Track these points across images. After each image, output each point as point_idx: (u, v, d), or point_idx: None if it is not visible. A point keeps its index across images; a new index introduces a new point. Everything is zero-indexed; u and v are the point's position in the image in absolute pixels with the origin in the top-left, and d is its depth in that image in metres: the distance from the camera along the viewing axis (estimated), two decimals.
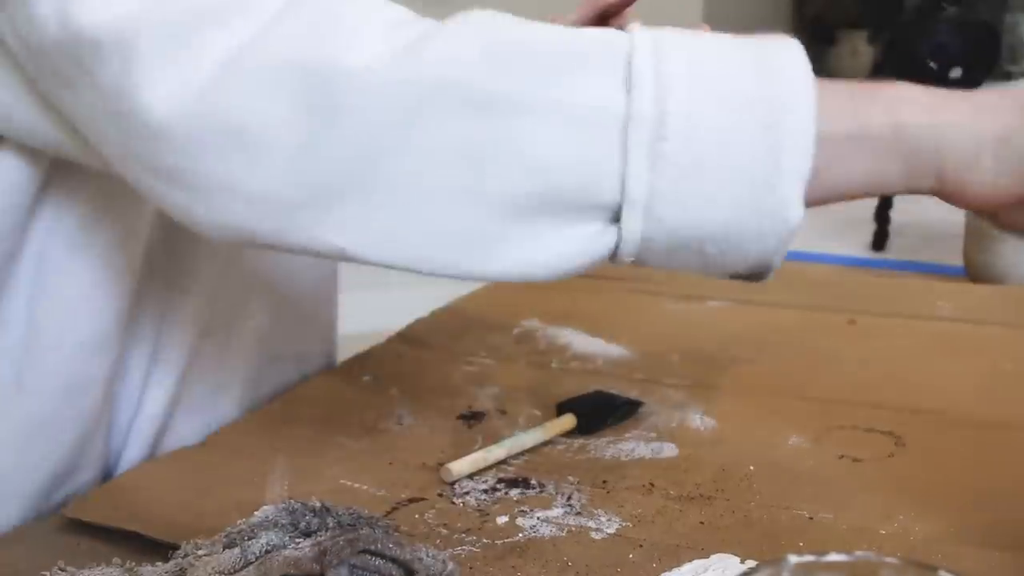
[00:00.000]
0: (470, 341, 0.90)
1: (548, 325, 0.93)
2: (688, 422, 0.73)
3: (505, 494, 0.64)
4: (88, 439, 0.66)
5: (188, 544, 0.50)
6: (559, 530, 0.60)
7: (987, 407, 0.74)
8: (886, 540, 0.58)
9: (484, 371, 0.83)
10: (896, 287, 1.01)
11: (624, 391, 0.78)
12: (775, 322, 0.93)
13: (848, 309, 0.94)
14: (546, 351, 0.88)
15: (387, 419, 0.75)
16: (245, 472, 0.67)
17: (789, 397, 0.77)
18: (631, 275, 1.05)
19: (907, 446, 0.69)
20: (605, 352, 0.87)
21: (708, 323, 0.94)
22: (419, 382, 0.81)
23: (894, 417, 0.73)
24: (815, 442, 0.70)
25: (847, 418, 0.73)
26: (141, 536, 0.59)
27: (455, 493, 0.64)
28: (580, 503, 0.63)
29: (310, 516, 0.50)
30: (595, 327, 0.92)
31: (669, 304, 0.98)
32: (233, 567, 0.48)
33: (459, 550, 0.57)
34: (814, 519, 0.60)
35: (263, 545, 0.49)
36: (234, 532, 0.50)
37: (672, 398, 0.77)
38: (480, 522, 0.61)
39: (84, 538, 0.60)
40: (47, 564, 0.51)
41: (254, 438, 0.72)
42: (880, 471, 0.66)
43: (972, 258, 1.05)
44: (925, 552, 0.56)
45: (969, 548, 0.57)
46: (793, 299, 0.97)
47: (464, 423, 0.74)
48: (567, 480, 0.65)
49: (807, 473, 0.66)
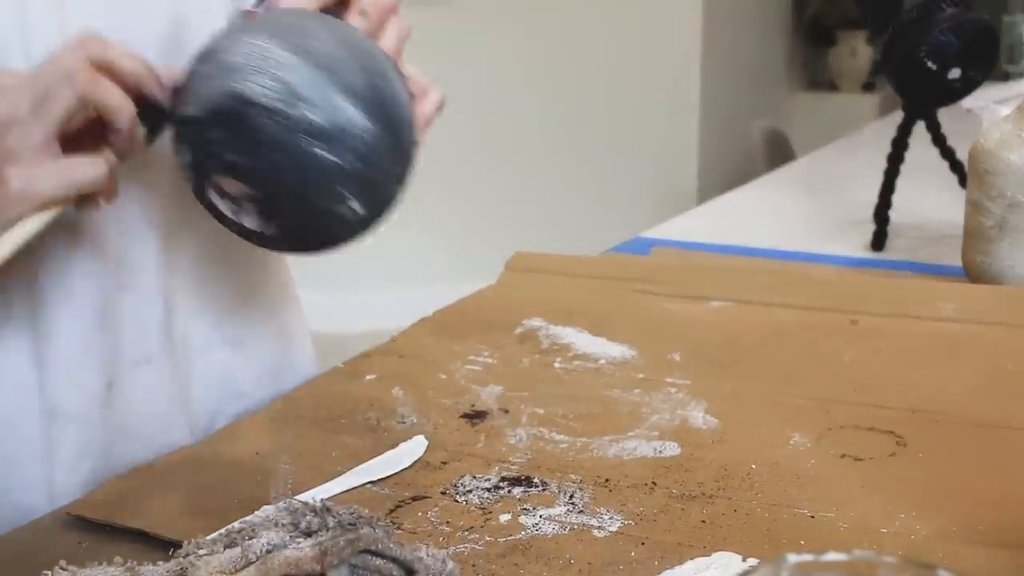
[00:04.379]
0: (473, 341, 0.90)
1: (551, 324, 0.93)
2: (690, 421, 0.73)
3: (508, 492, 0.64)
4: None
5: (189, 543, 0.50)
6: (561, 528, 0.60)
7: (988, 407, 0.74)
8: (887, 539, 0.58)
9: (487, 370, 0.83)
10: (897, 287, 1.01)
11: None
12: (777, 322, 0.93)
13: (849, 309, 0.94)
14: (548, 350, 0.88)
15: (390, 418, 0.75)
16: (247, 471, 0.67)
17: (790, 397, 0.77)
18: (634, 275, 1.05)
19: (908, 446, 0.69)
20: (607, 351, 0.87)
21: (710, 323, 0.94)
22: (422, 381, 0.81)
23: (895, 417, 0.73)
24: (816, 441, 0.70)
25: (848, 418, 0.73)
26: (142, 535, 0.59)
27: (458, 492, 0.64)
28: (582, 501, 0.63)
29: (311, 516, 0.50)
30: (597, 327, 0.92)
31: (671, 304, 0.98)
32: (234, 566, 0.48)
33: (462, 548, 0.58)
34: (815, 518, 0.60)
35: (264, 545, 0.49)
36: (235, 531, 0.50)
37: (674, 397, 0.77)
38: (483, 520, 0.61)
39: (85, 536, 0.60)
40: (49, 562, 0.51)
41: (256, 437, 0.72)
42: (881, 470, 0.66)
43: (970, 258, 1.05)
44: (926, 551, 0.56)
45: (970, 547, 0.57)
46: (795, 299, 0.97)
47: (467, 422, 0.74)
48: (569, 478, 0.65)
49: (808, 472, 0.66)
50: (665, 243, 1.28)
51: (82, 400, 0.68)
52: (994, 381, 0.79)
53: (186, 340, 0.76)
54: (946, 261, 1.14)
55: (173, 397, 0.75)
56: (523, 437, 0.71)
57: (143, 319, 0.72)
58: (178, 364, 0.75)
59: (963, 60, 1.15)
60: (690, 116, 3.36)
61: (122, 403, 0.71)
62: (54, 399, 0.67)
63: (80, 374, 0.68)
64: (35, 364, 0.67)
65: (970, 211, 1.04)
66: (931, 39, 1.15)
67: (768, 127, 3.26)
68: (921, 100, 1.21)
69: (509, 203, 3.25)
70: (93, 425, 0.69)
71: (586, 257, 1.15)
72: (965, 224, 1.05)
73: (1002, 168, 0.99)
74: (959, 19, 1.15)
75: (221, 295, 0.78)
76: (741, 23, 3.56)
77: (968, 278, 1.05)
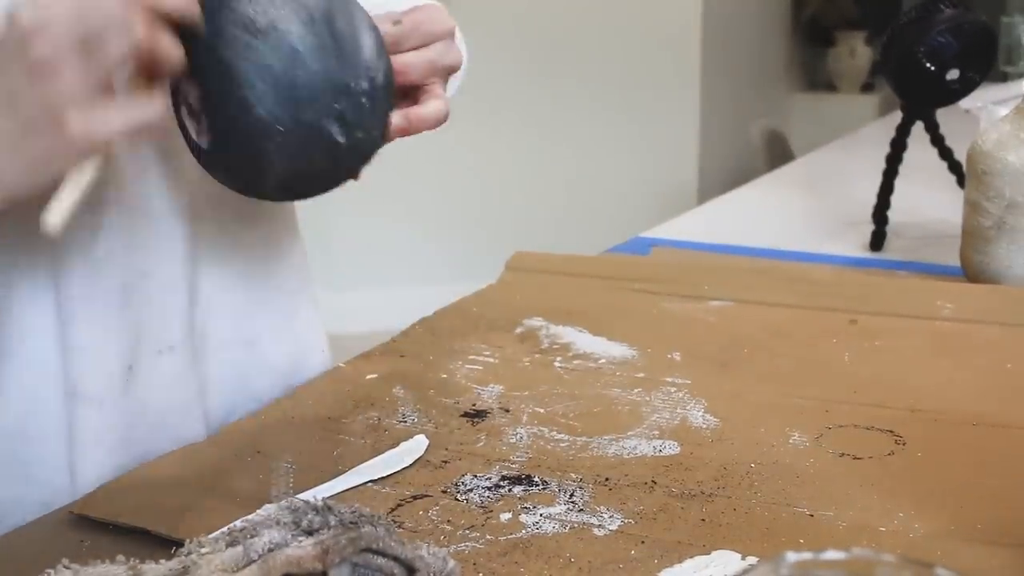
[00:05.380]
0: (473, 340, 0.90)
1: (551, 324, 0.93)
2: (690, 420, 0.74)
3: (508, 491, 0.64)
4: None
5: (191, 542, 0.51)
6: (562, 527, 0.60)
7: (987, 407, 0.74)
8: (886, 537, 0.58)
9: (487, 370, 0.84)
10: (896, 287, 1.01)
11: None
12: (776, 322, 0.93)
13: (849, 309, 0.95)
14: (549, 350, 0.88)
15: (391, 417, 0.75)
16: (248, 470, 0.68)
17: (790, 396, 0.77)
18: (634, 275, 1.05)
19: (907, 445, 0.69)
20: (607, 351, 0.87)
21: (710, 322, 0.94)
22: (423, 381, 0.82)
23: (894, 416, 0.73)
24: (816, 440, 0.70)
25: (847, 417, 0.74)
26: (145, 533, 0.60)
27: (459, 490, 0.64)
28: (583, 500, 0.63)
29: (312, 514, 0.50)
30: (598, 326, 0.92)
31: (671, 304, 0.98)
32: (236, 565, 0.48)
33: (462, 546, 0.58)
34: (814, 517, 0.60)
35: (266, 543, 0.49)
36: (237, 530, 0.50)
37: (674, 397, 0.78)
38: (483, 519, 0.61)
39: (88, 535, 0.61)
40: (51, 561, 0.51)
41: (258, 436, 0.73)
42: (880, 469, 0.66)
43: (968, 258, 1.05)
44: (924, 550, 0.56)
45: (968, 546, 0.57)
46: (794, 299, 0.97)
47: (468, 421, 0.74)
48: (570, 477, 0.66)
49: (808, 471, 0.66)
50: (665, 243, 1.28)
51: (103, 382, 0.69)
52: (993, 381, 0.80)
53: (205, 334, 0.76)
54: (944, 261, 1.14)
55: (191, 391, 0.75)
56: (523, 436, 0.72)
57: (166, 307, 0.73)
58: (198, 357, 0.76)
59: (961, 61, 1.16)
60: (690, 116, 3.37)
61: (142, 390, 0.72)
62: (76, 380, 0.68)
63: (102, 356, 0.69)
64: (58, 344, 0.67)
65: (968, 211, 1.04)
66: (930, 40, 1.15)
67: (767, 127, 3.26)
68: (920, 101, 1.21)
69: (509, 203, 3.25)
70: (112, 408, 0.70)
71: (586, 257, 1.15)
72: (963, 224, 1.05)
73: (1000, 169, 1.00)
74: (958, 20, 1.15)
75: (241, 293, 0.79)
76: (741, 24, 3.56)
77: (966, 278, 1.06)
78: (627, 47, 3.20)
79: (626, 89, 3.23)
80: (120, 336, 0.70)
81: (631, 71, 3.22)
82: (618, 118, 3.23)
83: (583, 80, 3.20)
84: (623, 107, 3.24)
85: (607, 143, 3.25)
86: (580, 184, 3.25)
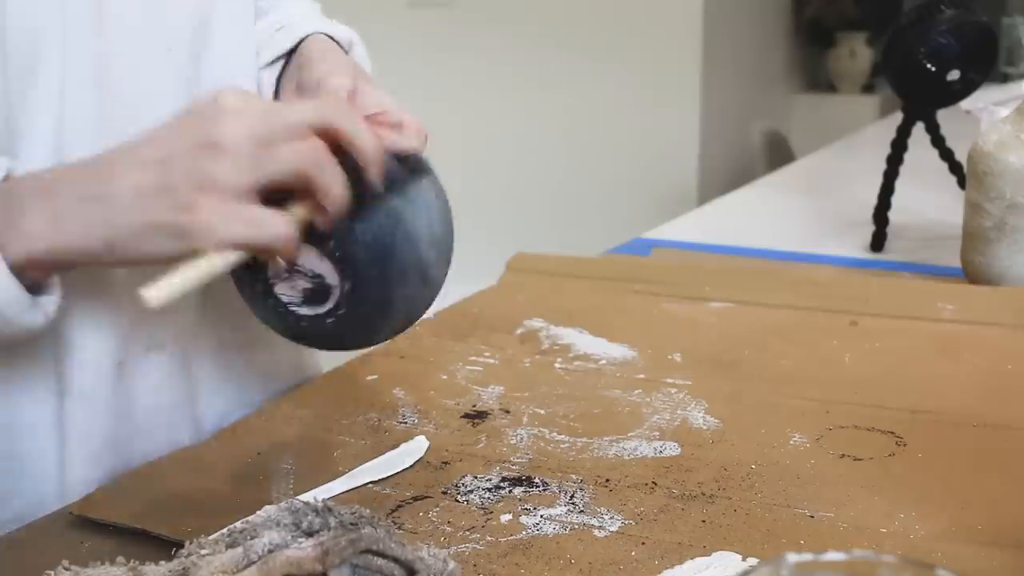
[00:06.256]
0: (474, 341, 0.90)
1: (551, 325, 0.93)
2: (690, 421, 0.74)
3: (509, 492, 0.64)
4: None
5: (191, 543, 0.50)
6: (562, 528, 0.60)
7: (987, 407, 0.74)
8: (886, 539, 0.58)
9: (488, 371, 0.84)
10: (897, 288, 1.01)
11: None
12: (777, 322, 0.93)
13: (849, 310, 0.95)
14: (549, 351, 0.88)
15: (391, 419, 0.75)
16: (248, 471, 0.68)
17: (790, 397, 0.77)
18: (634, 276, 1.05)
19: (907, 446, 0.69)
20: (608, 352, 0.87)
21: (710, 323, 0.94)
22: (423, 382, 0.82)
23: (894, 417, 0.73)
24: (816, 442, 0.70)
25: (848, 418, 0.73)
26: (145, 535, 0.60)
27: (459, 492, 0.64)
28: (583, 501, 0.63)
29: (312, 516, 0.50)
30: (598, 327, 0.92)
31: (671, 305, 0.98)
32: (236, 566, 0.48)
33: (463, 548, 0.58)
34: (815, 518, 0.60)
35: (265, 544, 0.49)
36: (237, 531, 0.50)
37: (674, 398, 0.78)
38: (484, 520, 0.61)
39: (88, 536, 0.61)
40: (51, 562, 0.51)
41: (258, 437, 0.72)
42: (881, 470, 0.66)
43: (969, 259, 1.05)
44: (925, 551, 0.56)
45: (969, 547, 0.57)
46: (794, 300, 0.97)
47: (468, 422, 0.74)
48: (570, 478, 0.66)
49: (808, 472, 0.66)
50: (665, 244, 1.28)
51: (93, 377, 0.69)
52: (993, 381, 0.80)
53: (198, 336, 0.76)
54: (945, 262, 1.14)
55: (181, 394, 0.75)
56: (524, 437, 0.72)
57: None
58: (188, 359, 0.76)
59: (962, 62, 1.16)
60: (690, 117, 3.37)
61: (131, 389, 0.71)
62: (66, 375, 0.68)
63: (93, 350, 0.69)
64: (50, 338, 0.67)
65: (969, 212, 1.04)
66: (930, 41, 1.15)
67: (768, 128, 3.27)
68: (920, 102, 1.21)
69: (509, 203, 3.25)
70: (102, 406, 0.70)
71: (586, 258, 1.15)
72: (964, 225, 1.05)
73: (1001, 169, 1.00)
74: (958, 21, 1.15)
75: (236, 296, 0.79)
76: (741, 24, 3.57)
77: (967, 279, 1.06)
78: (628, 48, 3.20)
79: (626, 89, 3.23)
80: (111, 332, 0.70)
81: (631, 71, 3.22)
82: (618, 118, 3.24)
83: (583, 80, 3.20)
84: (623, 107, 3.24)
85: (607, 144, 3.25)
86: (580, 185, 3.26)
